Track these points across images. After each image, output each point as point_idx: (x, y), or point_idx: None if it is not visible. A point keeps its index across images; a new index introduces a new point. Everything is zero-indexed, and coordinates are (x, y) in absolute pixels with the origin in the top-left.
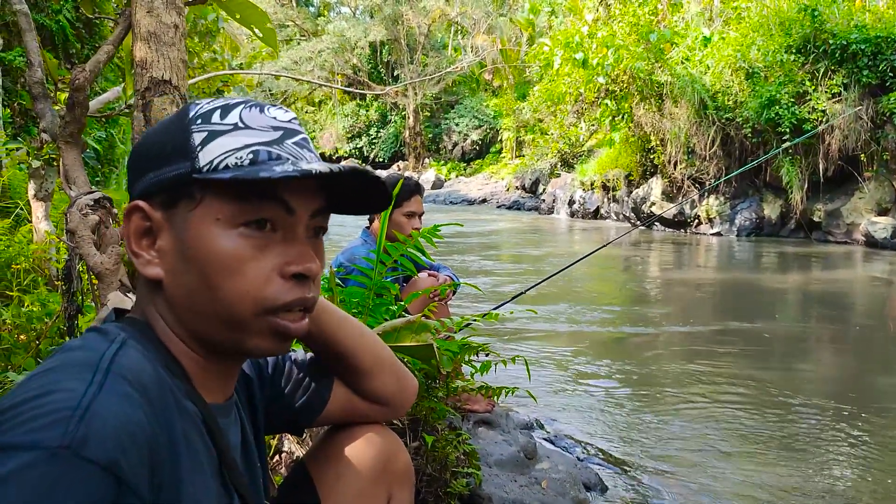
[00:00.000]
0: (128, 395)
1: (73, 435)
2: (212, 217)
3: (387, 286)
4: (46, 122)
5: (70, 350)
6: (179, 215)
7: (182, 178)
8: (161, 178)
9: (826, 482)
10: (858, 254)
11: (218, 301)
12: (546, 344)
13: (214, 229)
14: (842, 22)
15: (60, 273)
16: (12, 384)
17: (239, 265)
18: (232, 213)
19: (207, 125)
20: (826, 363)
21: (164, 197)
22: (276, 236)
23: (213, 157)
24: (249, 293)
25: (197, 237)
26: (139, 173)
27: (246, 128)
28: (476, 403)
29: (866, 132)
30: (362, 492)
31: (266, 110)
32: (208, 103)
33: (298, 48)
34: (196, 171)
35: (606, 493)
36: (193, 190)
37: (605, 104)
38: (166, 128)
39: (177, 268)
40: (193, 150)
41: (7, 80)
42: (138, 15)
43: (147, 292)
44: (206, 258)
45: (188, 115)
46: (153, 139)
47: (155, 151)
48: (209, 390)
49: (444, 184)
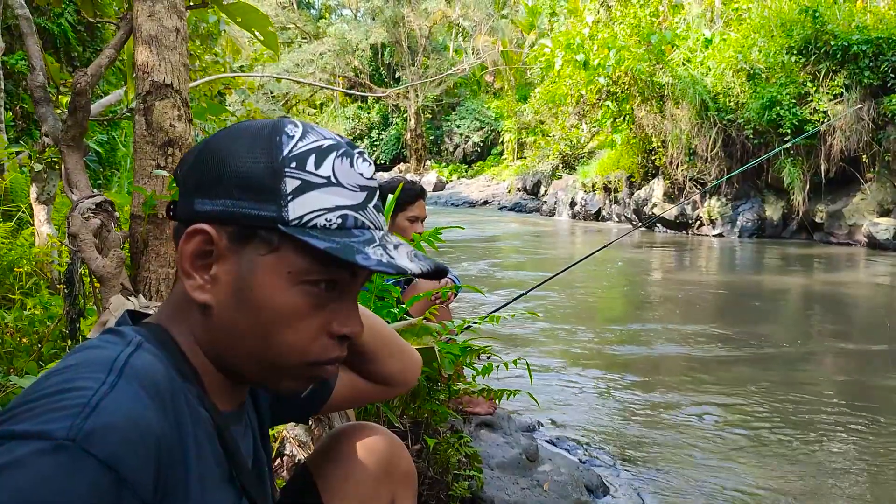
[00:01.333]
0: (139, 396)
1: (80, 429)
2: (284, 268)
3: (388, 289)
4: (48, 125)
5: (88, 349)
6: (247, 253)
7: (265, 221)
8: (240, 212)
9: (829, 485)
10: (861, 255)
11: (265, 347)
12: (548, 346)
13: (283, 281)
14: (843, 23)
15: (62, 276)
16: (14, 387)
17: (296, 321)
18: (305, 270)
19: (302, 173)
20: (830, 366)
21: (235, 229)
22: (333, 294)
23: (304, 212)
24: (296, 346)
25: (263, 283)
26: (212, 190)
27: (338, 184)
28: (478, 406)
29: (868, 133)
30: (365, 495)
31: (355, 163)
32: (301, 140)
33: (300, 51)
34: (284, 221)
35: (608, 495)
36: (272, 236)
37: (606, 106)
38: (252, 154)
39: (229, 302)
40: (284, 196)
41: (9, 84)
42: (140, 19)
43: (184, 307)
44: (266, 306)
45: (282, 151)
46: (238, 160)
47: (238, 179)
48: (223, 398)
49: (445, 186)
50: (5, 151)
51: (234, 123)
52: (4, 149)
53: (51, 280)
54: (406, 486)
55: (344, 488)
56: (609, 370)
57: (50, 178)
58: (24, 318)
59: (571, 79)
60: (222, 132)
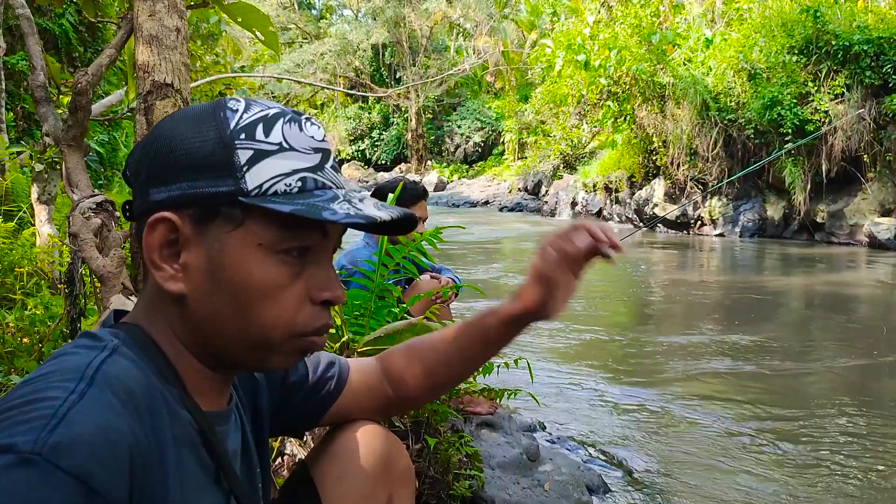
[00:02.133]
0: (110, 403)
1: (45, 442)
2: (253, 241)
3: (389, 288)
4: (49, 125)
5: (61, 356)
6: (213, 234)
7: (224, 197)
8: (197, 192)
9: (831, 487)
10: (862, 255)
11: (249, 325)
12: (549, 346)
13: (255, 254)
14: (844, 23)
15: (63, 276)
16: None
17: (276, 292)
18: (275, 240)
19: (252, 142)
20: (833, 367)
21: (196, 211)
22: (307, 260)
23: (261, 180)
24: (282, 318)
25: (235, 260)
26: (164, 178)
27: (291, 149)
28: (478, 405)
29: (869, 133)
30: (364, 493)
31: (304, 126)
32: (246, 112)
33: (301, 51)
34: (243, 193)
35: (609, 495)
36: (234, 211)
37: (607, 106)
38: (199, 132)
39: (204, 287)
40: (239, 168)
41: (10, 84)
42: (140, 18)
43: (159, 302)
44: (243, 283)
45: (228, 125)
46: (183, 143)
47: (189, 160)
48: (206, 397)
49: (446, 186)
50: (6, 151)
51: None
52: (6, 149)
53: (52, 280)
54: (404, 484)
55: (341, 487)
56: (610, 370)
57: (51, 178)
58: (25, 318)
59: (572, 79)
60: (164, 120)
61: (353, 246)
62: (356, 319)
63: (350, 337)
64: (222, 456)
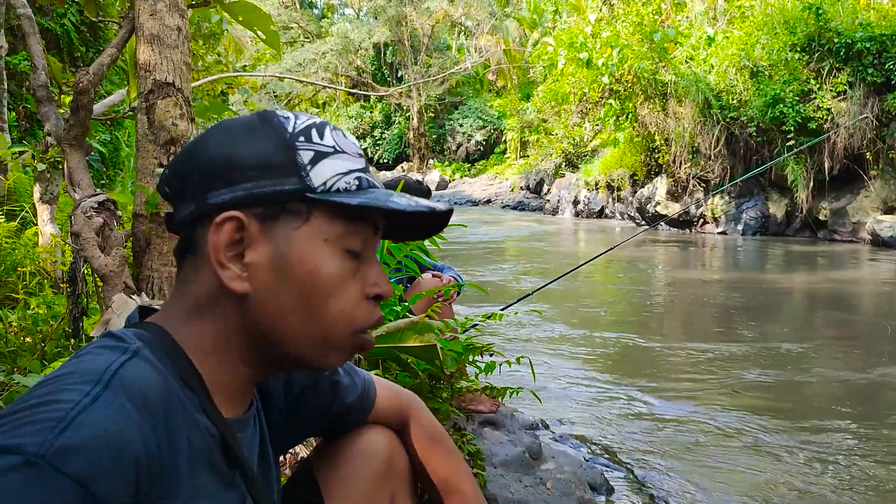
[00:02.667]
0: (123, 408)
1: (51, 445)
2: (320, 237)
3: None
4: (51, 125)
5: (83, 356)
6: (280, 231)
7: (290, 195)
8: (263, 192)
9: (834, 484)
10: (865, 253)
11: (315, 321)
12: (551, 344)
13: (323, 249)
14: (846, 20)
15: (65, 275)
16: (18, 386)
17: (341, 287)
18: (339, 235)
19: (311, 144)
20: (834, 366)
21: (262, 210)
22: (362, 258)
23: (325, 178)
24: (344, 314)
25: (304, 255)
26: (225, 181)
27: (343, 152)
28: (480, 404)
29: (872, 130)
30: (366, 493)
31: (346, 135)
32: (297, 119)
33: (302, 50)
34: (310, 189)
35: (612, 494)
36: (300, 207)
37: (609, 104)
38: (256, 138)
39: (269, 285)
40: (303, 167)
41: (12, 84)
42: (142, 18)
43: (206, 304)
44: (310, 278)
45: (286, 128)
46: (242, 149)
47: (252, 162)
48: (229, 404)
49: (448, 185)
50: (9, 151)
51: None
52: (8, 149)
53: (54, 279)
54: (405, 484)
55: (344, 486)
56: (613, 368)
57: (53, 178)
58: (27, 317)
59: (574, 77)
60: (207, 133)
61: None
62: None
63: None
64: (243, 463)
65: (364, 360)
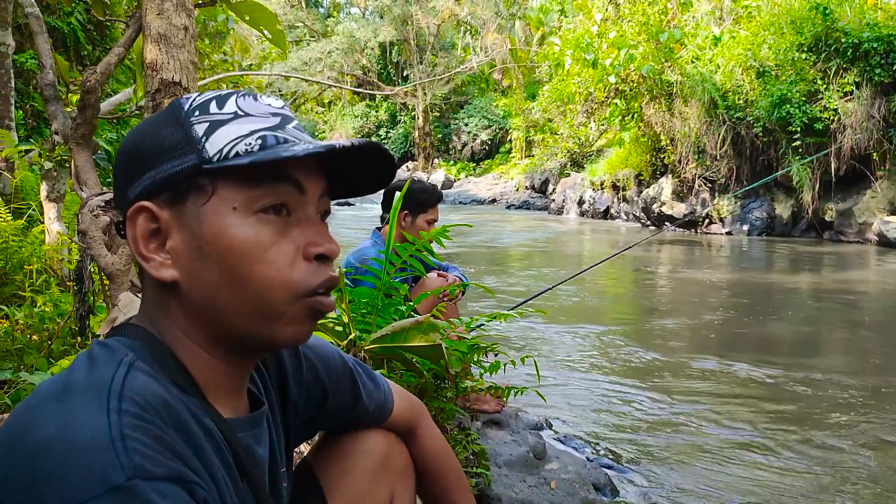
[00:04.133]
0: (143, 417)
1: (128, 464)
2: (228, 207)
3: (396, 286)
4: (58, 123)
5: (77, 372)
6: (190, 210)
7: (189, 171)
8: (164, 175)
9: (838, 486)
10: (871, 253)
11: (247, 293)
12: (556, 345)
13: (232, 219)
14: (853, 20)
15: (72, 273)
16: (25, 384)
17: (263, 252)
18: (248, 200)
19: (207, 116)
20: (840, 367)
21: (169, 194)
22: (291, 219)
23: (221, 145)
24: (277, 279)
25: (215, 230)
26: (134, 175)
27: (246, 115)
28: (485, 403)
29: (878, 131)
30: (366, 489)
31: (259, 98)
32: (199, 96)
33: (308, 49)
34: (206, 161)
35: (616, 494)
36: (203, 182)
37: (614, 104)
38: (158, 125)
39: (194, 266)
40: (198, 141)
41: (19, 83)
42: (149, 17)
43: (158, 297)
44: (227, 250)
45: (182, 108)
46: (145, 139)
47: (151, 150)
48: (223, 401)
49: (453, 184)
50: (16, 150)
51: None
52: (15, 147)
53: (61, 277)
54: (405, 480)
55: (344, 483)
56: (617, 369)
57: (60, 176)
58: (34, 315)
59: (580, 77)
60: (131, 130)
61: (361, 244)
62: (363, 317)
63: (357, 334)
64: (248, 464)
65: (369, 359)
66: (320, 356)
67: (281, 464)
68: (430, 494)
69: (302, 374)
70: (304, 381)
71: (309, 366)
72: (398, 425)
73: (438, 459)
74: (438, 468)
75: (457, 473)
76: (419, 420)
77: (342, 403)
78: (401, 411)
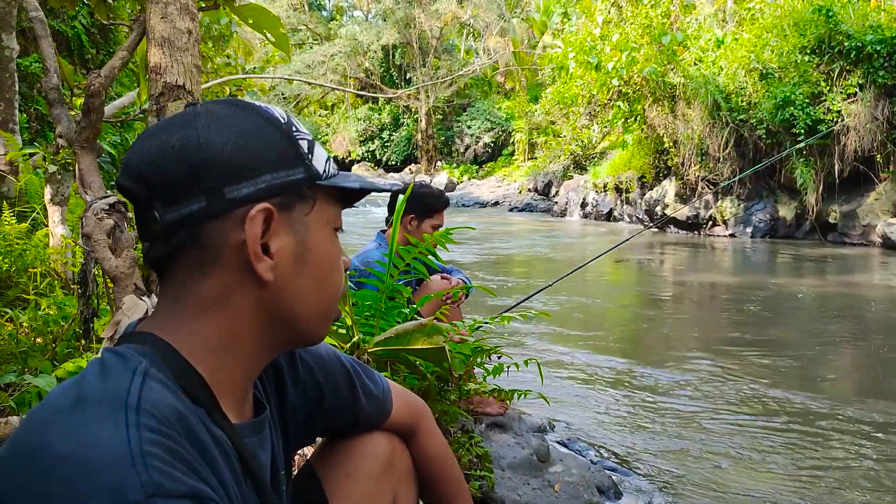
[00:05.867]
0: (161, 431)
1: (148, 481)
2: (324, 220)
3: (399, 289)
4: (62, 127)
5: (90, 382)
6: (296, 219)
7: (303, 184)
8: (281, 182)
9: (841, 489)
10: (875, 255)
11: (325, 297)
12: (559, 347)
13: (326, 231)
14: (857, 22)
15: (76, 277)
16: (29, 386)
17: (338, 262)
18: (334, 217)
19: (301, 133)
20: (844, 370)
21: (281, 200)
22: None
23: (321, 165)
24: (339, 284)
25: (318, 240)
26: (245, 175)
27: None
28: (489, 406)
29: (882, 133)
30: (369, 491)
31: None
32: (275, 109)
33: (311, 52)
34: (318, 177)
35: (620, 497)
36: (309, 194)
37: (617, 106)
38: (261, 131)
39: (291, 270)
40: (305, 156)
41: (24, 86)
42: (153, 21)
43: (219, 301)
44: (323, 259)
45: (280, 119)
46: (251, 141)
47: (264, 154)
48: (233, 407)
49: (456, 186)
50: (20, 153)
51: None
52: (19, 150)
53: (65, 280)
54: (407, 483)
55: (347, 485)
56: (621, 372)
57: (64, 180)
58: (38, 318)
59: (583, 79)
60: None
61: (365, 248)
62: (367, 320)
63: (360, 337)
64: (255, 470)
65: (372, 361)
66: (314, 356)
67: (281, 466)
68: (429, 497)
69: (298, 374)
70: (301, 381)
71: (304, 366)
72: (397, 427)
73: (437, 464)
74: (437, 473)
75: (456, 478)
76: (420, 423)
77: (340, 403)
78: (400, 413)
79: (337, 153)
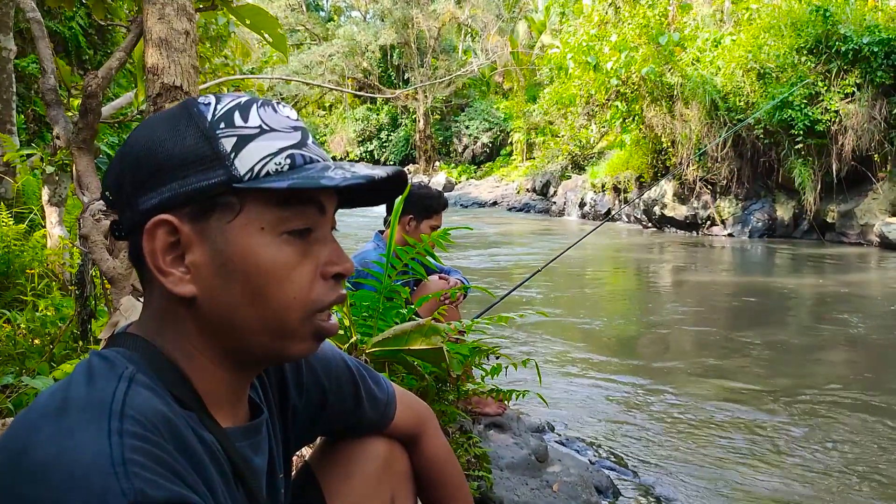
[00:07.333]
0: (145, 437)
1: (129, 489)
2: (255, 226)
3: (397, 289)
4: (60, 128)
5: (76, 387)
6: (213, 227)
7: (217, 188)
8: (189, 189)
9: (840, 487)
10: (873, 255)
11: (266, 312)
12: (558, 347)
13: (259, 239)
14: (854, 23)
15: (74, 278)
16: (27, 388)
17: (288, 273)
18: (276, 221)
19: (233, 129)
20: (842, 369)
21: (192, 208)
22: (310, 239)
23: (251, 164)
24: (297, 299)
25: (241, 248)
26: (151, 184)
27: (271, 130)
28: (487, 406)
29: (880, 132)
30: (367, 492)
31: (278, 108)
32: (219, 104)
33: (309, 52)
34: (237, 179)
35: (619, 497)
36: (230, 199)
37: (615, 106)
38: (178, 133)
39: (214, 283)
40: (226, 156)
41: (21, 87)
42: (150, 21)
43: (166, 311)
44: (253, 270)
45: (205, 117)
46: (163, 146)
47: (174, 159)
48: (223, 411)
49: (454, 187)
50: (17, 154)
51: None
52: (17, 151)
53: (62, 281)
54: (405, 484)
55: (345, 486)
56: (620, 372)
57: (61, 181)
58: (36, 320)
59: (581, 79)
60: (136, 130)
61: (363, 248)
62: (364, 320)
63: (358, 338)
64: (246, 474)
65: (370, 362)
66: (320, 359)
67: (279, 470)
68: (430, 499)
69: (301, 377)
70: (304, 384)
71: (308, 369)
72: (400, 432)
73: (439, 469)
74: (438, 475)
75: (458, 484)
76: (424, 429)
77: (343, 407)
78: (403, 418)
79: (335, 153)
